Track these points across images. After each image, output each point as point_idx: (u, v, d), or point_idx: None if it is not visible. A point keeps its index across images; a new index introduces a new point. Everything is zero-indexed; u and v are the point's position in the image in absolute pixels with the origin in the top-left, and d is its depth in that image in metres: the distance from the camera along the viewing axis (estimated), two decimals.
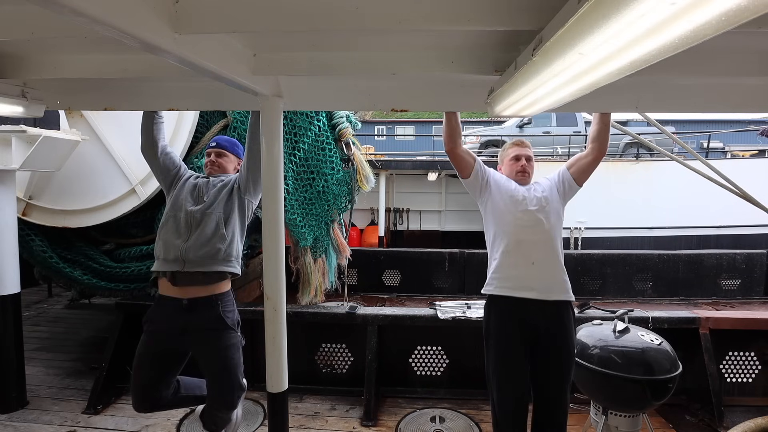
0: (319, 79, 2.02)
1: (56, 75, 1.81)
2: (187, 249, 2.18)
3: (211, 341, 2.20)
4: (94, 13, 0.90)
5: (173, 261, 2.18)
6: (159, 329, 2.21)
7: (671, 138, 3.43)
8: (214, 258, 2.20)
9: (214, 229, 2.22)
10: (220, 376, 2.23)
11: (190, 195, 2.31)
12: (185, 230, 2.22)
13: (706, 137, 13.30)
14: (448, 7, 1.16)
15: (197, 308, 2.19)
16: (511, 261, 2.08)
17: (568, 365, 2.06)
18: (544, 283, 2.04)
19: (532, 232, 2.08)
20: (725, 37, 0.67)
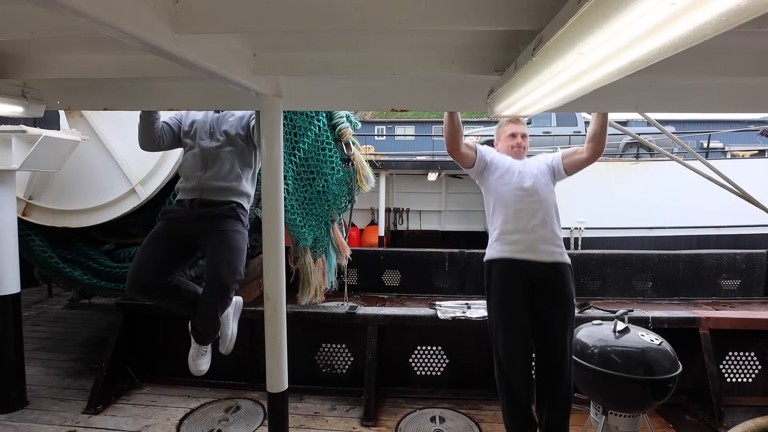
0: (319, 79, 2.02)
1: (56, 75, 1.81)
2: (205, 179, 2.36)
3: (221, 224, 2.33)
4: (94, 13, 0.90)
5: (192, 189, 2.38)
6: (175, 216, 2.39)
7: (671, 138, 3.43)
8: (230, 191, 2.40)
9: (230, 168, 2.40)
10: (221, 252, 2.27)
11: (202, 130, 2.45)
12: (202, 164, 2.40)
13: (706, 137, 13.30)
14: (448, 7, 1.16)
15: (213, 203, 2.37)
16: (511, 228, 2.22)
17: (568, 311, 2.15)
18: (543, 247, 2.17)
19: (529, 202, 2.22)
20: (725, 37, 0.67)
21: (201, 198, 2.37)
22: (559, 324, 2.14)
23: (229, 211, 2.37)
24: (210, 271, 2.29)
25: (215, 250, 2.28)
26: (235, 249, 2.30)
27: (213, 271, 2.26)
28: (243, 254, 2.33)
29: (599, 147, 2.23)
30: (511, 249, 2.19)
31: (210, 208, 2.36)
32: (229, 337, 2.49)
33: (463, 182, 11.26)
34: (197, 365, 2.40)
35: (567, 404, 2.18)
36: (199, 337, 2.38)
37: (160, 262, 2.26)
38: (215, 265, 2.26)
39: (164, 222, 2.40)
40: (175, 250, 2.33)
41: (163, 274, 2.27)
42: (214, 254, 2.28)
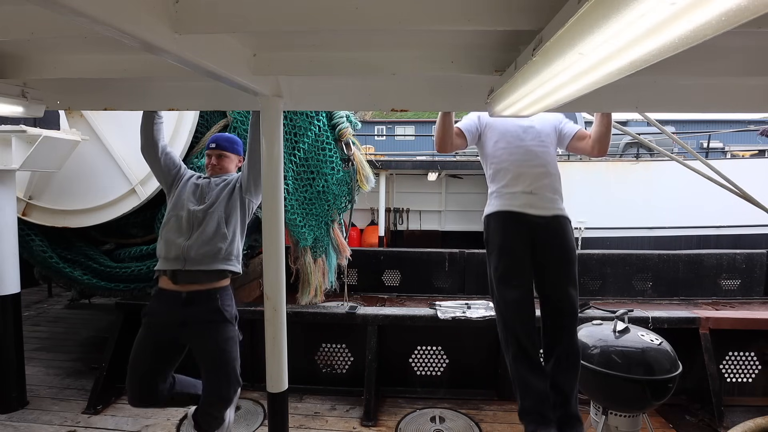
0: (319, 79, 2.02)
1: (56, 75, 1.81)
2: (189, 247, 2.21)
3: (209, 333, 2.21)
4: (94, 13, 0.90)
5: (174, 259, 2.21)
6: (158, 321, 2.23)
7: (671, 138, 3.43)
8: (215, 257, 2.24)
9: (216, 228, 2.25)
10: (216, 368, 2.21)
11: (192, 195, 2.34)
12: (187, 229, 2.25)
13: (706, 137, 13.30)
14: (448, 7, 1.16)
15: (196, 301, 2.22)
16: (511, 191, 2.20)
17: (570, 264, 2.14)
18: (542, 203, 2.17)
19: (530, 165, 2.19)
20: (725, 37, 0.67)
21: (184, 269, 2.19)
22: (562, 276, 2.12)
23: (215, 314, 2.22)
24: (209, 389, 2.23)
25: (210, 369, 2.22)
26: (230, 362, 2.22)
27: (213, 390, 2.22)
28: (237, 362, 2.25)
29: (604, 148, 2.23)
30: (511, 203, 2.19)
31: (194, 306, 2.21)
32: (225, 427, 2.41)
33: (463, 182, 11.27)
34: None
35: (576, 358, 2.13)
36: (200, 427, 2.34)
37: (154, 372, 2.21)
38: (215, 384, 2.21)
39: (146, 330, 2.25)
40: (163, 356, 2.24)
41: (161, 381, 2.23)
42: (211, 373, 2.22)
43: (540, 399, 2.08)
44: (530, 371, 2.10)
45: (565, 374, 2.12)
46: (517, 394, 2.15)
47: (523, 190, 2.17)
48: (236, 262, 2.32)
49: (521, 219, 2.17)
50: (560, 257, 2.14)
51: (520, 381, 2.11)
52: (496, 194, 2.26)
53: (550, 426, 2.05)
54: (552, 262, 2.14)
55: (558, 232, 2.18)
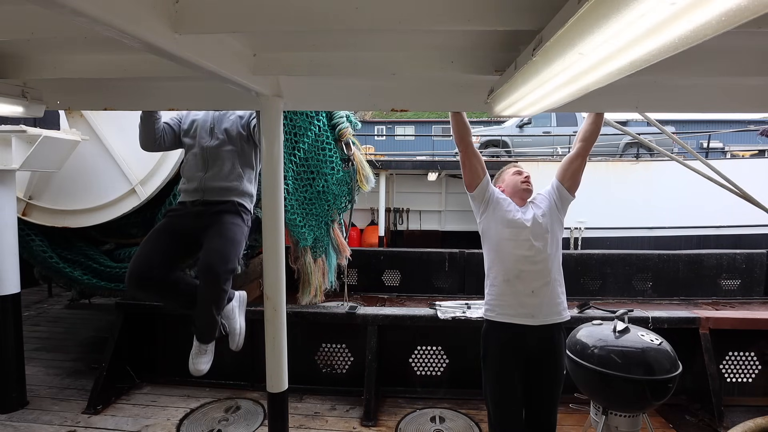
0: (319, 79, 2.02)
1: (56, 75, 1.81)
2: (207, 180, 2.39)
3: (220, 216, 2.35)
4: (94, 13, 0.90)
5: (194, 191, 2.40)
6: (177, 213, 2.43)
7: (671, 138, 3.43)
8: (231, 191, 2.41)
9: (231, 167, 2.41)
10: (216, 241, 2.26)
11: (202, 129, 2.46)
12: (203, 165, 2.42)
13: (706, 137, 13.30)
14: (447, 7, 1.16)
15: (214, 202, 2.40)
16: (511, 290, 2.10)
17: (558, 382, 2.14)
18: (543, 309, 2.08)
19: (532, 262, 2.09)
20: (725, 37, 0.67)
21: (203, 199, 2.39)
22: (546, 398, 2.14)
23: (228, 206, 2.39)
24: (202, 260, 2.24)
25: (209, 241, 2.27)
26: (230, 239, 2.28)
27: (204, 260, 2.23)
28: (238, 246, 2.31)
29: (590, 145, 2.17)
30: (511, 313, 2.10)
31: (210, 206, 2.38)
32: (237, 332, 2.48)
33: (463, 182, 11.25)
34: (196, 364, 2.36)
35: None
36: (199, 333, 2.34)
37: (159, 255, 2.26)
38: (207, 253, 2.24)
39: (166, 219, 2.44)
40: (175, 245, 2.32)
41: (162, 268, 2.24)
42: (208, 245, 2.26)
43: None
44: None
45: None
46: None
47: (523, 291, 2.08)
48: (249, 201, 2.49)
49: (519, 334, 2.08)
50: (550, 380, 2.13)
51: None
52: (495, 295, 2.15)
53: None
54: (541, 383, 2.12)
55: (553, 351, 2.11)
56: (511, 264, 2.11)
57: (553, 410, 2.16)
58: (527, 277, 2.09)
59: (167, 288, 2.28)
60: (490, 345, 2.17)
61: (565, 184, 2.21)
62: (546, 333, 2.10)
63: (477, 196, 2.20)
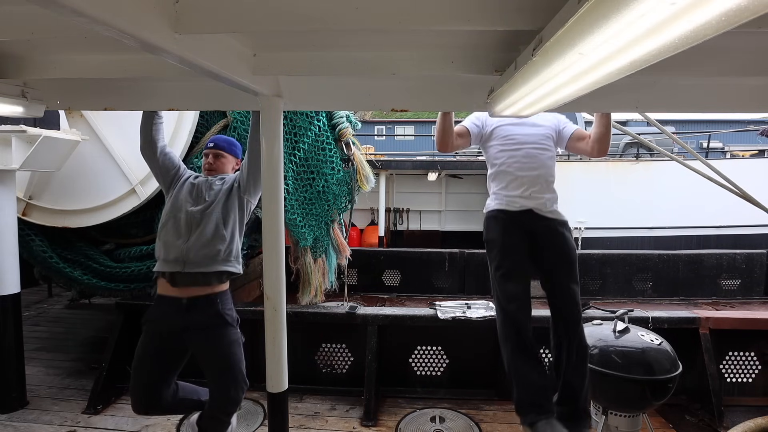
0: (319, 79, 2.02)
1: (56, 75, 1.81)
2: (188, 249, 2.18)
3: (212, 338, 2.20)
4: (94, 13, 0.90)
5: (174, 261, 2.19)
6: (159, 328, 2.21)
7: (671, 138, 3.43)
8: (215, 258, 2.21)
9: (214, 229, 2.23)
10: (223, 372, 2.21)
11: (189, 195, 2.32)
12: (185, 231, 2.23)
13: (706, 137, 13.29)
14: (448, 7, 1.16)
15: (197, 306, 2.20)
16: (510, 192, 2.27)
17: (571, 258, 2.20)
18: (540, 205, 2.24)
19: (529, 168, 2.25)
20: (725, 37, 0.67)
21: (183, 271, 2.17)
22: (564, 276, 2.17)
23: (216, 319, 2.21)
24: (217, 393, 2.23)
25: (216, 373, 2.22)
26: (236, 364, 2.22)
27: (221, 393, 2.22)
28: (242, 364, 2.25)
29: (604, 148, 2.25)
30: (509, 204, 2.26)
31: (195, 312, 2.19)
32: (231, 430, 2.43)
33: (463, 182, 11.26)
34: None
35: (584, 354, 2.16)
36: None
37: (157, 379, 2.21)
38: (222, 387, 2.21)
39: (147, 337, 2.23)
40: (166, 363, 2.23)
41: (165, 388, 2.23)
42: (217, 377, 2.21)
43: (538, 391, 2.07)
44: (530, 363, 2.11)
45: (574, 370, 2.13)
46: (513, 389, 2.13)
47: (521, 194, 2.24)
48: (236, 263, 2.31)
49: (520, 218, 2.23)
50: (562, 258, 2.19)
51: (518, 374, 2.10)
52: (495, 195, 2.33)
53: (549, 415, 2.03)
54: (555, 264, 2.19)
55: (557, 232, 2.23)
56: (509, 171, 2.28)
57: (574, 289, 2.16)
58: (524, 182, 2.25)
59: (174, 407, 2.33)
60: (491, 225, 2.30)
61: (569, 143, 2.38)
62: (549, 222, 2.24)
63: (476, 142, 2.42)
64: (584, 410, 2.15)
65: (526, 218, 2.23)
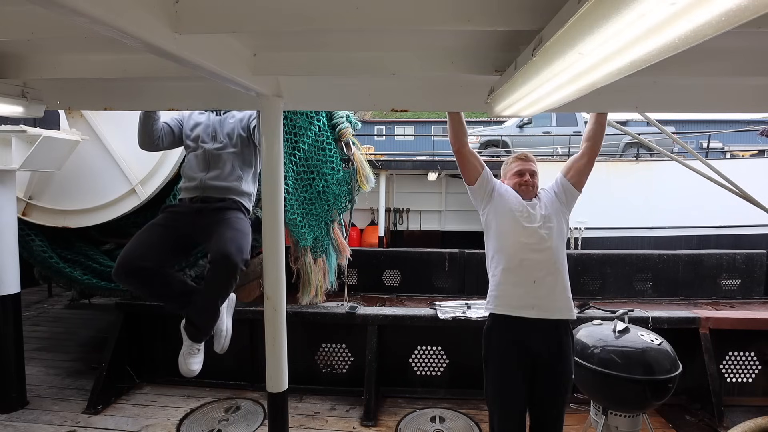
0: (319, 79, 2.02)
1: (56, 75, 1.81)
2: (207, 180, 2.39)
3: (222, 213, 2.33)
4: (94, 13, 0.90)
5: (194, 189, 2.41)
6: (176, 210, 2.41)
7: (671, 138, 3.43)
8: (230, 191, 2.42)
9: (231, 169, 2.43)
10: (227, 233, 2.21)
11: (204, 133, 2.48)
12: (204, 166, 2.43)
13: (706, 137, 13.30)
14: (448, 7, 1.16)
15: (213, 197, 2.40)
16: (512, 279, 2.03)
17: (565, 391, 2.04)
18: (544, 301, 1.99)
19: (534, 250, 2.02)
20: (725, 37, 0.67)
21: (202, 196, 2.40)
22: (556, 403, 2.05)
23: (229, 203, 2.40)
24: (216, 250, 2.16)
25: (220, 233, 2.22)
26: (240, 230, 2.27)
27: (220, 249, 2.15)
28: (248, 237, 2.28)
29: (596, 145, 2.13)
30: (511, 304, 2.02)
31: (210, 203, 2.39)
32: (224, 334, 2.43)
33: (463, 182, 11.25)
34: (189, 365, 2.29)
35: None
36: (195, 331, 2.28)
37: (151, 248, 2.19)
38: (222, 243, 2.17)
39: (164, 214, 2.40)
40: (170, 240, 2.26)
41: (155, 262, 2.18)
42: (220, 236, 2.21)
43: None
44: None
45: None
46: None
47: (525, 279, 2.01)
48: (248, 201, 2.49)
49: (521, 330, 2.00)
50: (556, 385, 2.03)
51: None
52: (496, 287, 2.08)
53: None
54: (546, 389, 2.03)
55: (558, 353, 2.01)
56: (513, 252, 2.03)
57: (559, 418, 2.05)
58: (529, 265, 2.00)
59: (157, 281, 2.21)
60: (492, 343, 2.08)
61: (570, 179, 2.16)
62: (551, 332, 2.00)
63: (478, 189, 2.16)
64: None
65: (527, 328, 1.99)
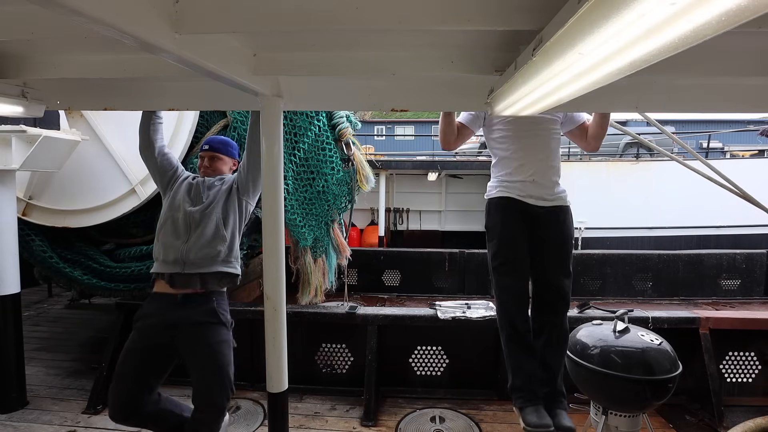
0: (319, 79, 2.02)
1: (56, 75, 1.81)
2: (188, 250, 2.16)
3: (202, 335, 2.12)
4: (94, 13, 0.90)
5: (173, 263, 2.15)
6: (149, 324, 2.14)
7: (671, 138, 3.43)
8: (215, 259, 2.19)
9: (214, 230, 2.20)
10: (209, 371, 2.08)
11: (187, 195, 2.29)
12: (184, 231, 2.20)
13: (706, 137, 13.29)
14: (447, 7, 1.16)
15: (192, 302, 2.15)
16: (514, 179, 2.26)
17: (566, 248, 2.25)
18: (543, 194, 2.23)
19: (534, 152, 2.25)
20: (725, 37, 0.67)
21: (183, 272, 2.14)
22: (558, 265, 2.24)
23: (209, 316, 2.16)
24: (201, 394, 2.08)
25: (202, 371, 2.09)
26: (224, 366, 2.10)
27: (205, 395, 2.07)
28: (231, 367, 2.14)
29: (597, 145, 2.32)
30: (511, 191, 2.26)
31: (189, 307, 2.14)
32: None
33: (463, 182, 11.27)
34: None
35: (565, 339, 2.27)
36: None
37: (140, 382, 2.07)
38: (207, 388, 2.07)
39: (136, 333, 2.15)
40: (152, 364, 2.11)
41: (147, 393, 2.09)
42: (203, 376, 2.08)
43: (530, 378, 2.24)
44: (522, 352, 2.26)
45: (553, 354, 2.28)
46: (509, 372, 2.30)
47: (524, 179, 2.24)
48: (236, 264, 2.28)
49: (521, 207, 2.24)
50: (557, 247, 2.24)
51: (513, 360, 2.27)
52: (498, 181, 2.33)
53: (538, 403, 2.21)
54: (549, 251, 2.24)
55: (557, 222, 2.26)
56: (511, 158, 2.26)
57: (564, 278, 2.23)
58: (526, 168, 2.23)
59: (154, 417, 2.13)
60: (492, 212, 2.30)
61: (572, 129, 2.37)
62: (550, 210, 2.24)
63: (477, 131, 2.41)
64: (561, 392, 2.30)
65: (528, 207, 2.24)
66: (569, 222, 2.29)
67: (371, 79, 1.98)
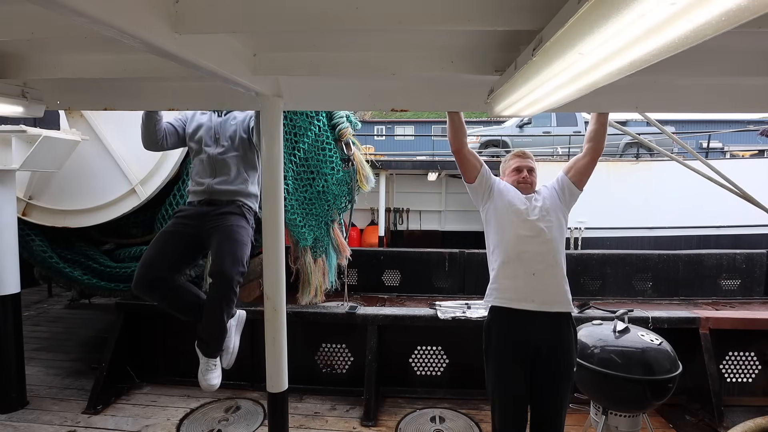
0: (319, 79, 2.02)
1: (56, 75, 1.81)
2: (214, 185, 2.47)
3: (225, 220, 2.41)
4: (94, 13, 0.90)
5: (201, 193, 2.49)
6: (183, 214, 2.50)
7: (671, 138, 3.43)
8: (237, 194, 2.50)
9: (236, 173, 2.50)
10: (224, 245, 2.32)
11: (207, 136, 2.53)
12: (210, 171, 2.50)
13: (706, 137, 13.30)
14: (448, 7, 1.16)
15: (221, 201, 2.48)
16: (511, 272, 2.03)
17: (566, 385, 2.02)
18: (543, 294, 1.99)
19: (533, 242, 2.02)
20: (725, 37, 0.67)
21: (209, 199, 2.47)
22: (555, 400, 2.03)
23: (233, 208, 2.46)
24: (214, 264, 2.32)
25: (219, 243, 2.34)
26: (238, 242, 2.35)
27: (217, 264, 2.30)
28: (246, 248, 2.38)
29: (599, 146, 2.13)
30: (510, 297, 2.02)
31: (216, 206, 2.46)
32: (231, 351, 2.48)
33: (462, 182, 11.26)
34: (207, 380, 2.35)
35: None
36: (206, 347, 2.35)
37: (168, 256, 2.34)
38: (219, 257, 2.30)
39: (173, 220, 2.51)
40: (181, 246, 2.40)
41: (170, 269, 2.34)
42: (218, 248, 2.33)
43: None
44: None
45: None
46: None
47: (524, 272, 2.01)
48: (254, 201, 2.58)
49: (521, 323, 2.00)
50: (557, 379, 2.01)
51: None
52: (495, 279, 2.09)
53: None
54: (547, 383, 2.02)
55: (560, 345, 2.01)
56: (513, 244, 2.04)
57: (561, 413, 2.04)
58: (528, 258, 2.00)
59: (173, 292, 2.36)
60: (492, 336, 2.07)
61: (571, 178, 2.16)
62: (551, 325, 1.99)
63: (478, 186, 2.16)
64: None
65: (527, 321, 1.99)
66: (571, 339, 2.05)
67: (371, 79, 1.98)
